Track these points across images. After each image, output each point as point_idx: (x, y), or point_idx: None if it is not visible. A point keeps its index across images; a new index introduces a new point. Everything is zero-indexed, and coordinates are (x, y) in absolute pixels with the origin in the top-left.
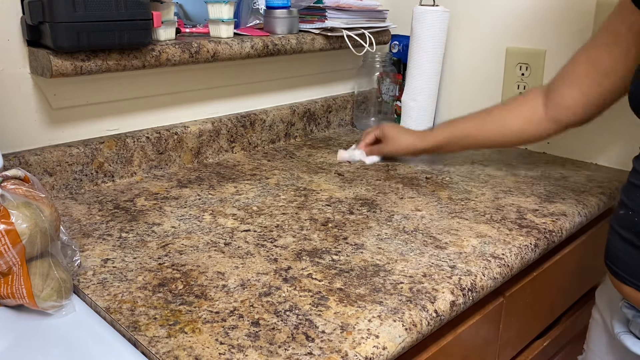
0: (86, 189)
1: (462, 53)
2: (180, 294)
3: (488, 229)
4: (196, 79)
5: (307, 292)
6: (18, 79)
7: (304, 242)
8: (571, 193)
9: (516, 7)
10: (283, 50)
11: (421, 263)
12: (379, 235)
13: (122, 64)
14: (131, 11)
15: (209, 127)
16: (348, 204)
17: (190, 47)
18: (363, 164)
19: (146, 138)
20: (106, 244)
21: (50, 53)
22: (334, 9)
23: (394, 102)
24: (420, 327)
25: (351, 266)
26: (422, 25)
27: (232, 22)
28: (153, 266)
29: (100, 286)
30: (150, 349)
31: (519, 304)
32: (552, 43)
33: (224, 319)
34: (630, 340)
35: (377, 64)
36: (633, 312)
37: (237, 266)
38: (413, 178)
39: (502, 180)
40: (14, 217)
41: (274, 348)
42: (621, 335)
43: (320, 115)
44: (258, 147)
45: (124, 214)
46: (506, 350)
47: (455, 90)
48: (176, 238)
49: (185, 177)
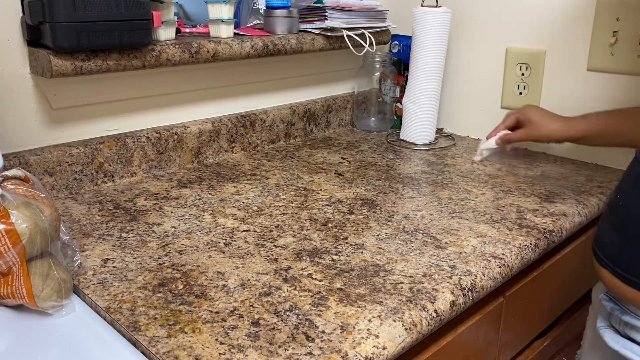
0: (86, 189)
1: (462, 53)
2: (180, 294)
3: (488, 229)
4: (196, 79)
5: (307, 292)
6: (18, 79)
7: (304, 242)
8: (571, 193)
9: (516, 7)
10: (283, 50)
11: (421, 263)
12: (379, 235)
13: (122, 64)
14: (131, 11)
15: (209, 127)
16: (348, 204)
17: (190, 47)
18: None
19: (146, 138)
20: (106, 244)
21: (50, 53)
22: (334, 9)
23: (394, 104)
24: (421, 327)
25: (351, 266)
26: (423, 27)
27: (232, 22)
28: (153, 266)
29: (100, 286)
30: (150, 349)
31: (519, 304)
32: (552, 43)
33: (224, 319)
34: (608, 335)
35: (377, 64)
36: (611, 304)
37: (237, 266)
38: (413, 178)
39: (502, 180)
40: (14, 217)
41: (274, 348)
42: (601, 330)
43: (320, 115)
44: (258, 147)
45: (124, 214)
46: (506, 350)
47: (456, 91)
48: (176, 238)
49: (185, 177)
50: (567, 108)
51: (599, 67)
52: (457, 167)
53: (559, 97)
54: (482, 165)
